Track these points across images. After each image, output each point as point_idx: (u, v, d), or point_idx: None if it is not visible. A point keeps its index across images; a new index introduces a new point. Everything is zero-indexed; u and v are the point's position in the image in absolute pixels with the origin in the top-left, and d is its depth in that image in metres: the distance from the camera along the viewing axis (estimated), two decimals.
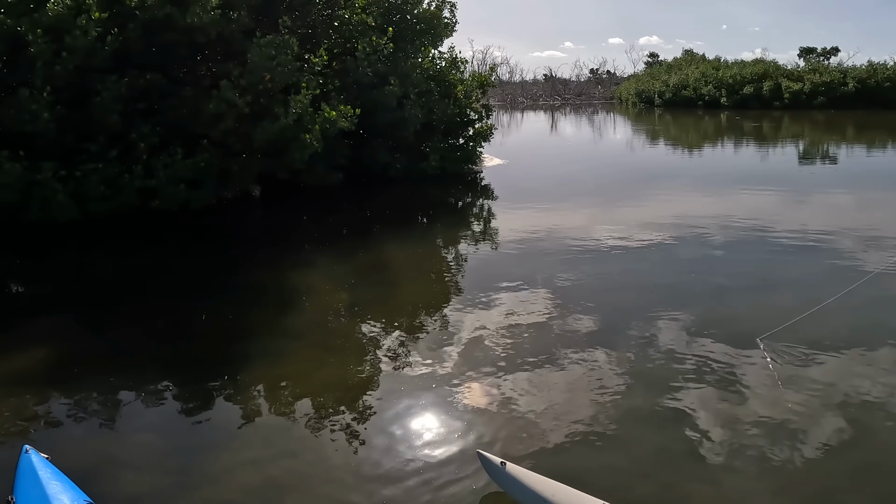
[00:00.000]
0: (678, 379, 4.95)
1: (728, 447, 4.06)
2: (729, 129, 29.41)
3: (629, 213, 11.10)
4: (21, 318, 6.59)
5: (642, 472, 3.86)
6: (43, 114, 9.73)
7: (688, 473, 3.84)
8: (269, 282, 7.69)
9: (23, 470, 3.53)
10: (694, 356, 5.33)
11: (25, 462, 3.57)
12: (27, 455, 3.62)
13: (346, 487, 3.73)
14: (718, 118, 35.21)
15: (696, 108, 41.87)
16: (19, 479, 3.48)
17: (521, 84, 62.92)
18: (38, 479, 3.40)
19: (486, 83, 17.38)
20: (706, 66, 45.60)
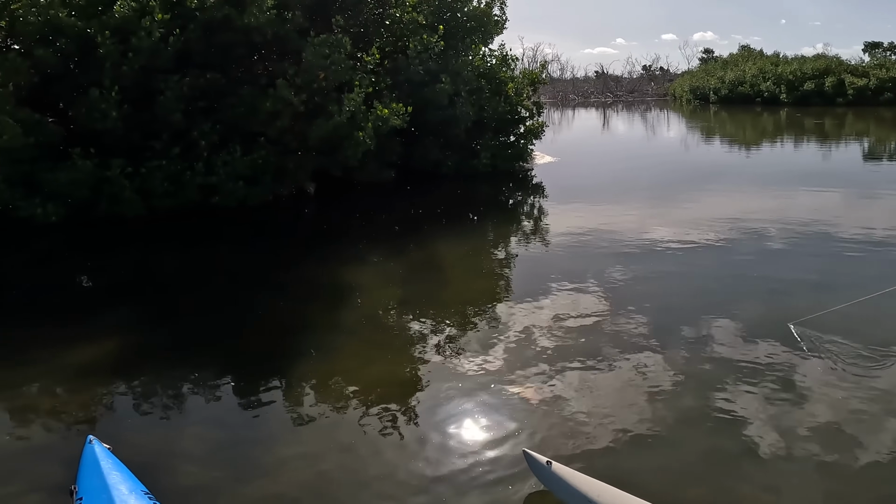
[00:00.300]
0: (732, 381, 4.87)
1: (783, 451, 3.97)
2: (789, 126, 28.53)
3: (683, 211, 10.91)
4: (90, 312, 6.88)
5: (692, 474, 3.82)
6: (111, 112, 10.15)
7: (740, 477, 3.78)
8: (322, 277, 7.85)
9: (86, 460, 3.64)
10: (749, 358, 5.23)
11: (89, 452, 3.68)
12: (91, 445, 3.73)
13: (393, 482, 3.78)
14: (778, 115, 34.17)
15: (753, 104, 40.72)
16: (82, 468, 3.59)
17: (573, 81, 62.28)
18: (99, 469, 3.49)
19: (536, 80, 17.30)
20: (764, 61, 44.28)
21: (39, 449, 4.22)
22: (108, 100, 10.17)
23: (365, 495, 3.70)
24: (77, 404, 4.79)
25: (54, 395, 4.92)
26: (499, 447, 4.09)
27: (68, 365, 5.39)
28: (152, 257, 8.99)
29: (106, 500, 3.22)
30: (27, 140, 9.55)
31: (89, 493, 3.34)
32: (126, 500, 3.23)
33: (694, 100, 47.01)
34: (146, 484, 3.51)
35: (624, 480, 3.53)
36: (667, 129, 30.84)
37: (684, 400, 4.64)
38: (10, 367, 5.36)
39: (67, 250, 9.31)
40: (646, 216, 10.61)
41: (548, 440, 4.15)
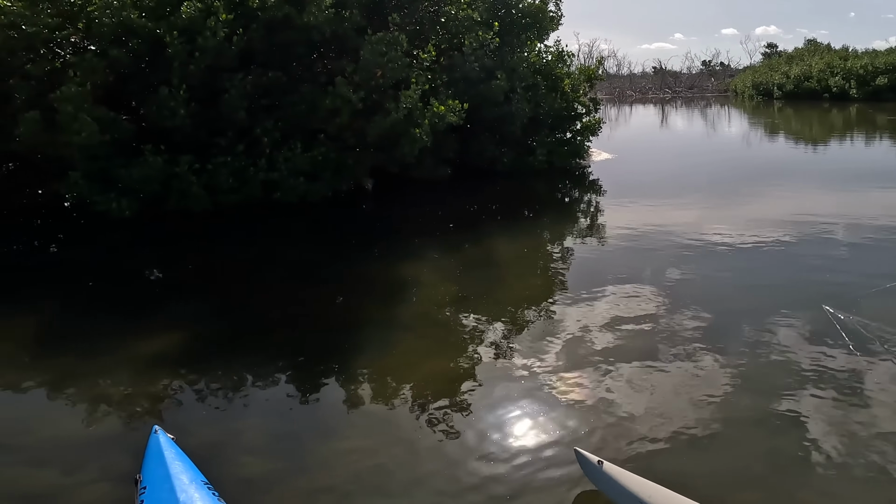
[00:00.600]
0: (793, 384, 4.76)
1: (844, 456, 3.88)
2: (859, 123, 27.39)
3: (745, 209, 10.66)
4: (158, 304, 7.15)
5: (748, 478, 3.75)
6: (180, 110, 10.54)
7: (798, 481, 3.70)
8: (379, 273, 7.99)
9: (151, 449, 3.73)
10: (812, 361, 5.10)
11: (154, 442, 3.78)
12: (156, 435, 3.83)
13: (444, 478, 3.83)
14: (847, 111, 32.83)
15: (820, 100, 39.24)
16: (147, 458, 3.68)
17: (630, 77, 61.33)
18: (163, 458, 3.57)
19: (593, 76, 17.11)
20: (832, 56, 42.61)
21: (108, 438, 4.36)
22: (177, 98, 10.57)
23: (416, 490, 3.75)
24: (144, 394, 4.96)
25: (123, 386, 5.10)
26: (550, 445, 4.10)
27: (137, 356, 5.60)
28: (217, 251, 9.30)
29: (168, 489, 3.31)
30: (103, 137, 10.01)
31: (152, 482, 3.43)
32: (186, 490, 3.29)
33: (757, 95, 45.63)
34: (206, 474, 3.60)
35: (677, 482, 3.49)
36: (728, 125, 30.02)
37: (741, 402, 4.56)
38: (83, 358, 5.59)
39: (139, 244, 9.71)
40: (705, 214, 10.41)
41: (600, 439, 4.14)
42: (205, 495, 3.30)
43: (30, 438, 4.38)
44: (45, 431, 4.46)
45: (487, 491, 3.70)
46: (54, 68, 10.65)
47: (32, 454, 4.19)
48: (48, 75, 10.45)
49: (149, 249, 9.53)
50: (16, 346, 5.91)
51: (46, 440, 4.35)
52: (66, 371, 5.35)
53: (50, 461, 4.10)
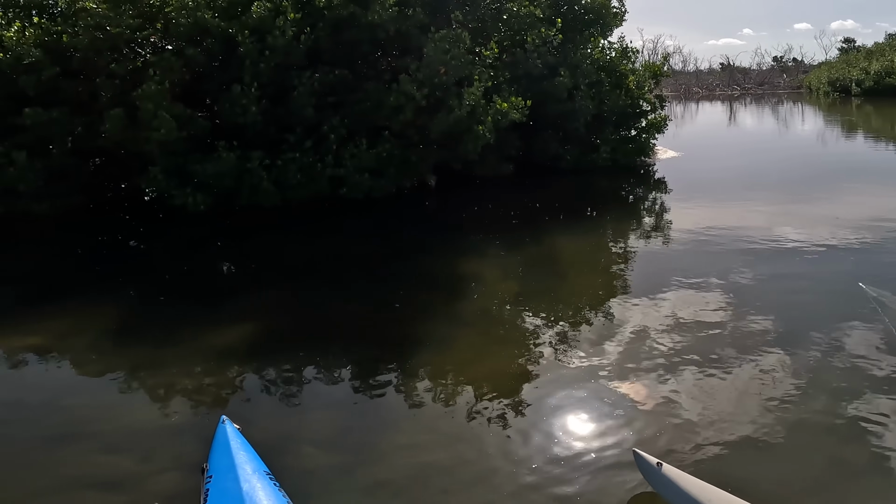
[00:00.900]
0: (866, 390, 4.58)
1: None
2: None
3: (818, 210, 10.27)
4: (229, 296, 7.39)
5: (815, 485, 3.65)
6: (251, 108, 10.89)
7: (868, 490, 3.58)
8: (440, 269, 8.07)
9: (218, 439, 3.81)
10: (888, 367, 4.91)
11: (221, 432, 3.86)
12: (223, 425, 3.92)
13: (500, 477, 3.84)
14: None
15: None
16: (214, 447, 3.76)
17: (696, 74, 59.63)
18: (228, 448, 3.65)
19: (658, 73, 16.79)
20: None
21: (181, 427, 4.49)
22: (248, 96, 10.93)
23: (472, 488, 3.76)
24: (215, 385, 5.11)
25: (196, 376, 5.27)
26: (608, 446, 4.08)
27: (210, 347, 5.78)
28: (286, 245, 9.58)
29: (232, 479, 3.39)
30: (180, 134, 10.46)
31: (218, 471, 3.50)
32: (249, 480, 3.37)
33: (833, 92, 43.67)
34: (269, 464, 3.68)
35: (739, 487, 3.42)
36: (801, 122, 28.88)
37: (810, 408, 4.42)
38: (159, 347, 5.81)
39: (213, 238, 10.05)
40: (775, 214, 10.09)
41: (659, 441, 4.08)
42: (267, 485, 3.38)
43: (108, 425, 4.55)
44: (123, 419, 4.63)
45: (543, 490, 3.69)
46: (136, 67, 11.17)
47: (110, 441, 4.35)
48: (130, 74, 10.97)
49: (222, 243, 9.88)
50: (98, 336, 6.20)
51: (123, 428, 4.52)
52: (143, 360, 5.57)
53: (126, 448, 4.24)
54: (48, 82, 10.69)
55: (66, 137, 11.01)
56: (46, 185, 10.71)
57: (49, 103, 10.70)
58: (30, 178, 10.45)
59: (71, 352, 5.86)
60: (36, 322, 6.46)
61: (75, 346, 5.98)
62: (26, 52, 10.55)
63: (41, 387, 5.24)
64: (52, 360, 5.75)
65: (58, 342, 6.05)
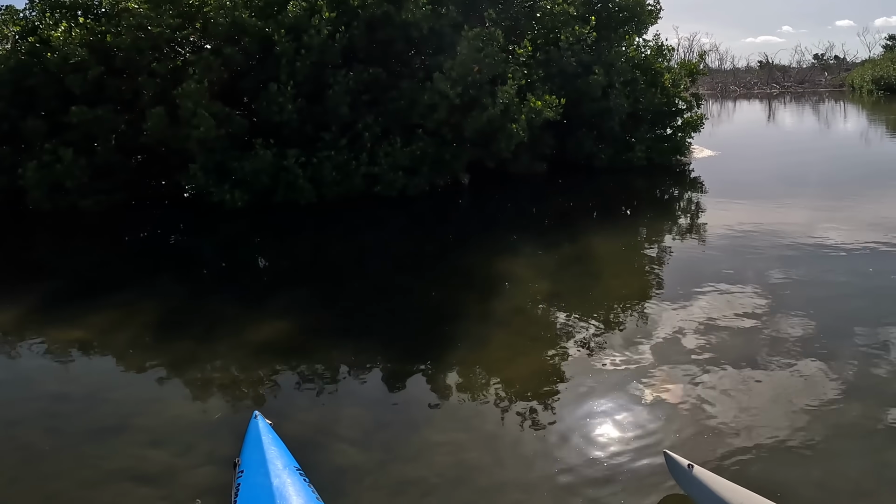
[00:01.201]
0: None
1: None
2: None
3: (860, 210, 10.02)
4: (266, 292, 7.46)
5: (853, 490, 3.56)
6: (288, 106, 11.06)
7: None
8: (475, 267, 8.07)
9: (250, 434, 3.83)
10: None
11: (253, 427, 3.88)
12: (255, 420, 3.93)
13: (532, 475, 3.83)
14: None
15: None
16: (246, 442, 3.78)
17: (733, 72, 58.50)
18: (260, 443, 3.67)
19: (695, 71, 16.56)
20: None
21: (218, 421, 4.52)
22: (285, 94, 11.10)
23: (502, 488, 3.75)
24: (252, 380, 5.16)
25: (234, 371, 5.34)
26: (640, 447, 4.04)
27: (247, 342, 5.85)
28: (321, 242, 9.68)
29: (263, 473, 3.41)
30: (219, 132, 10.68)
31: (249, 466, 3.53)
32: (280, 475, 3.39)
33: (877, 90, 42.48)
34: (300, 459, 3.71)
35: (774, 491, 3.36)
36: (843, 121, 28.18)
37: (849, 412, 4.32)
38: (198, 343, 5.90)
39: (250, 235, 10.20)
40: (815, 215, 9.87)
41: (690, 443, 4.03)
42: (297, 481, 3.41)
43: (149, 419, 4.62)
44: (163, 413, 4.70)
45: (574, 490, 3.68)
46: (176, 66, 11.44)
47: (151, 434, 4.41)
48: (171, 73, 11.24)
49: (259, 240, 10.03)
50: (140, 330, 6.31)
51: (163, 421, 4.58)
52: (183, 355, 5.66)
53: (166, 442, 4.31)
54: (93, 81, 11.01)
55: (110, 135, 11.33)
56: (91, 181, 11.04)
57: (94, 102, 11.04)
58: (76, 174, 10.78)
59: (114, 345, 6.00)
60: (81, 316, 6.61)
61: (118, 340, 6.11)
62: (73, 51, 10.88)
63: (85, 380, 5.37)
64: (96, 354, 5.90)
65: (102, 336, 6.19)
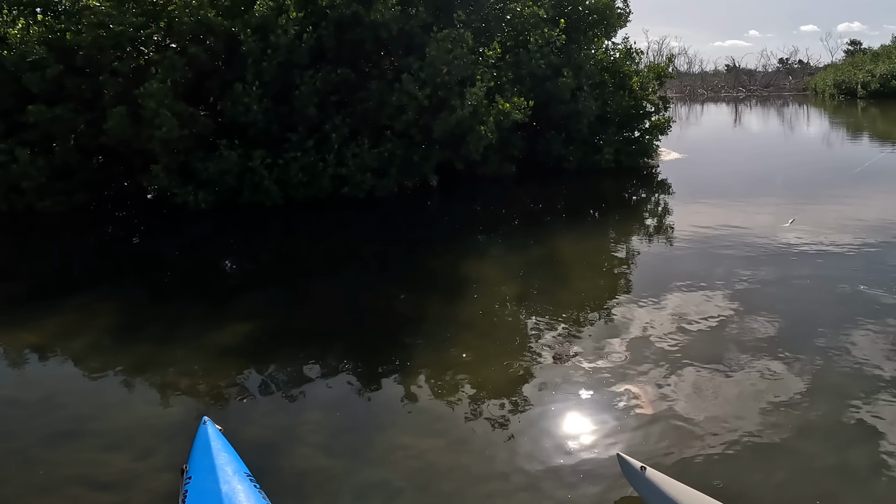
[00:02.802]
0: (871, 394, 4.53)
1: None
2: None
3: (823, 213, 10.20)
4: (231, 295, 7.35)
5: (815, 493, 3.58)
6: (254, 106, 10.89)
7: (871, 496, 3.53)
8: (442, 269, 8.03)
9: (199, 440, 3.75)
10: (890, 372, 4.85)
11: (202, 432, 3.79)
12: (204, 426, 3.85)
13: (495, 477, 3.82)
14: None
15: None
16: (195, 448, 3.71)
17: (701, 75, 59.46)
18: (209, 449, 3.60)
19: (663, 74, 16.71)
20: None
21: (176, 426, 4.42)
22: (251, 94, 10.93)
23: (466, 491, 3.74)
24: (214, 384, 5.07)
25: (194, 375, 5.23)
26: (601, 448, 4.04)
27: (209, 345, 5.76)
28: (287, 244, 9.57)
29: (211, 480, 3.36)
30: (183, 132, 10.48)
31: (198, 472, 3.47)
32: (230, 482, 3.34)
33: (838, 94, 43.52)
34: (261, 464, 3.67)
35: (733, 493, 3.38)
36: (806, 125, 28.78)
37: (812, 411, 4.37)
38: (159, 346, 5.77)
39: (215, 236, 10.05)
40: (780, 217, 10.01)
41: (654, 444, 4.04)
42: (247, 487, 3.34)
43: (105, 424, 4.53)
44: (120, 418, 4.60)
45: (537, 492, 3.66)
46: (139, 65, 11.19)
47: (107, 439, 4.31)
48: (133, 72, 11.00)
49: (224, 242, 9.87)
50: (99, 333, 6.18)
51: (120, 426, 4.48)
52: (143, 358, 5.54)
53: (121, 447, 4.21)
54: (52, 80, 10.72)
55: (69, 135, 11.04)
56: (49, 182, 10.75)
57: (53, 101, 10.74)
58: (33, 174, 10.48)
59: (71, 349, 5.85)
60: (37, 319, 6.44)
61: (76, 343, 5.97)
62: (30, 49, 10.59)
63: (40, 384, 5.23)
64: (52, 357, 5.74)
65: (58, 339, 6.03)
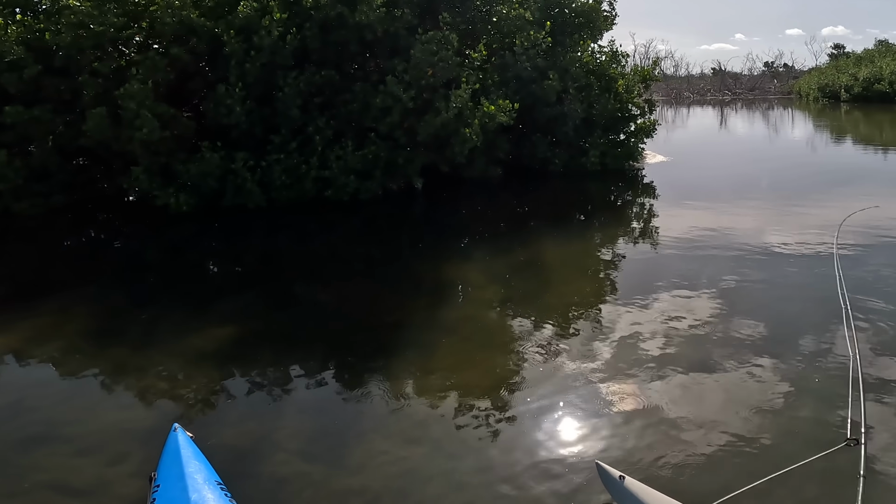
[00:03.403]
0: (856, 397, 4.47)
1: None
2: None
3: (809, 216, 10.23)
4: (212, 298, 7.25)
5: (799, 497, 3.55)
6: (236, 108, 10.79)
7: (851, 500, 3.46)
8: (427, 273, 7.96)
9: (168, 447, 3.67)
10: (879, 373, 4.85)
11: (172, 440, 3.71)
12: (174, 433, 3.77)
13: (479, 485, 3.76)
14: None
15: (892, 103, 37.49)
16: (164, 455, 3.63)
17: (687, 78, 59.87)
18: (179, 456, 3.52)
19: (648, 77, 16.76)
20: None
21: (151, 432, 4.31)
22: (234, 96, 10.82)
23: (447, 497, 3.69)
24: (188, 388, 4.98)
25: (172, 379, 5.14)
26: (584, 455, 3.99)
27: (189, 349, 5.66)
28: (271, 247, 9.46)
29: (181, 488, 3.28)
30: (164, 133, 10.34)
31: (167, 480, 3.40)
32: (199, 490, 3.26)
33: (822, 98, 43.94)
34: (231, 472, 3.60)
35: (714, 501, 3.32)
36: (791, 128, 28.98)
37: (798, 415, 4.33)
38: (138, 350, 5.68)
39: (198, 239, 9.93)
40: (766, 220, 10.04)
41: (636, 451, 3.99)
42: (217, 496, 3.26)
43: (79, 429, 4.45)
44: (94, 423, 4.52)
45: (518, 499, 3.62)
46: (120, 66, 11.06)
47: (79, 445, 4.24)
48: (114, 73, 10.86)
49: (207, 245, 9.76)
50: (76, 337, 6.08)
51: (94, 431, 4.40)
52: (120, 362, 5.46)
53: (95, 453, 4.13)
54: (30, 80, 10.56)
55: (47, 136, 10.91)
56: (27, 183, 10.59)
57: (31, 101, 10.58)
58: (9, 176, 10.32)
59: (45, 353, 5.74)
60: (12, 322, 6.35)
61: (50, 346, 5.86)
62: (8, 49, 10.43)
63: (12, 388, 5.13)
64: (27, 361, 5.62)
65: (32, 343, 5.92)
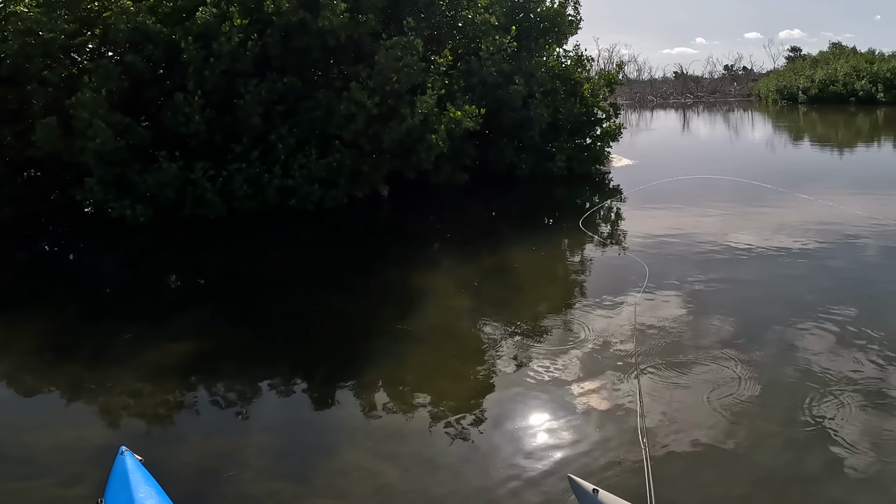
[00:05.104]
0: (822, 394, 4.52)
1: (875, 470, 3.67)
2: (887, 127, 26.79)
3: (769, 216, 10.35)
4: (172, 312, 7.06)
5: (774, 499, 3.52)
6: (195, 116, 10.51)
7: (826, 498, 3.50)
8: (394, 281, 7.83)
9: (116, 472, 3.52)
10: (841, 371, 4.87)
11: (120, 464, 3.55)
12: (122, 457, 3.60)
13: (452, 497, 3.70)
14: (875, 115, 32.15)
15: (847, 104, 38.49)
16: (111, 481, 3.48)
17: (651, 82, 60.63)
18: (127, 482, 3.37)
19: (613, 81, 16.87)
20: (858, 59, 41.74)
21: (105, 452, 4.04)
22: (192, 104, 10.54)
23: None
24: (149, 406, 4.83)
25: (129, 396, 4.97)
26: (553, 466, 3.91)
27: (147, 365, 5.48)
28: (233, 258, 9.25)
29: None
30: (118, 143, 10.03)
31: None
32: None
33: (781, 100, 44.89)
34: (193, 492, 3.51)
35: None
36: (751, 130, 29.54)
37: (766, 415, 4.32)
38: (92, 366, 5.52)
39: (156, 250, 9.69)
40: (729, 221, 10.13)
41: (608, 458, 3.93)
42: None
43: (28, 450, 4.30)
44: (45, 442, 4.37)
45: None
46: (71, 74, 10.71)
47: (29, 467, 4.09)
48: (65, 81, 10.52)
49: (166, 256, 9.52)
50: (29, 353, 5.89)
51: (45, 451, 4.27)
52: (74, 379, 5.29)
53: (45, 474, 4.00)
54: None
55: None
56: None
57: None
58: None
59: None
60: None
61: (1, 364, 5.69)
62: None
63: None
64: None
65: None
